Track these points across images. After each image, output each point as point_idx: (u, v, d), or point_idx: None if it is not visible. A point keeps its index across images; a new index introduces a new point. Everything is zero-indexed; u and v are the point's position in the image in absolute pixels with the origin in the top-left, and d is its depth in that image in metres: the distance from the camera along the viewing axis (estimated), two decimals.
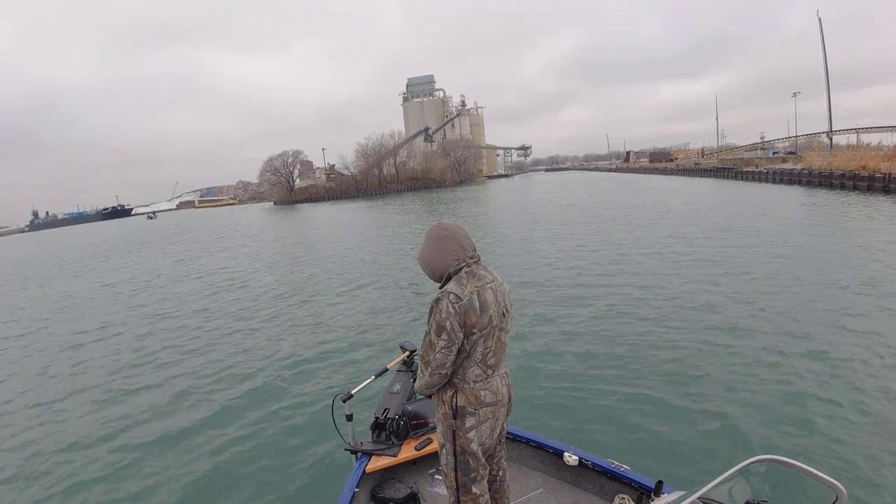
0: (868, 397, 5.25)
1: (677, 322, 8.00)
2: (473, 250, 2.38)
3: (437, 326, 2.21)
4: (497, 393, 2.36)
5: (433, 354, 2.24)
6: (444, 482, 2.48)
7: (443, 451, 2.42)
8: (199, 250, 26.82)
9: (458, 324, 2.20)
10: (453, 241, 2.34)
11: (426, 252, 2.39)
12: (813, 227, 16.37)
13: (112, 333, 10.55)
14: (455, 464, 2.37)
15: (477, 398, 2.32)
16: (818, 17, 59.84)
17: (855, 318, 7.51)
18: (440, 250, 2.34)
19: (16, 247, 60.66)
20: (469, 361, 2.29)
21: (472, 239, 2.41)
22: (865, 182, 27.01)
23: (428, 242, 2.38)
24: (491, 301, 2.27)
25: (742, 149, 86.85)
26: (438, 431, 2.44)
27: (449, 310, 2.19)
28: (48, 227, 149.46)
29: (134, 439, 5.56)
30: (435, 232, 2.38)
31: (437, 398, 2.44)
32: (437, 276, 2.38)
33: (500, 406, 2.39)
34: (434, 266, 2.36)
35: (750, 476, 1.73)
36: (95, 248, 38.67)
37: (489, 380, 2.34)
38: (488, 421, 2.36)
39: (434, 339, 2.23)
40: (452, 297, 2.20)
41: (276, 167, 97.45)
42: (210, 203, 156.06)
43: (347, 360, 7.34)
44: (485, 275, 2.33)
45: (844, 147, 46.68)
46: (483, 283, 2.29)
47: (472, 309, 2.21)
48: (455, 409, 2.32)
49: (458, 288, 2.23)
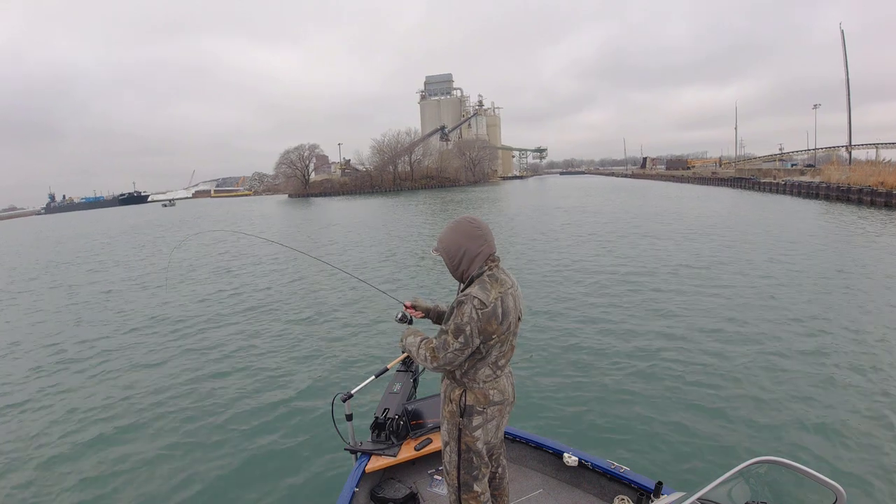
0: (868, 398, 5.29)
1: (678, 323, 8.03)
2: (496, 252, 2.32)
3: (455, 328, 2.15)
4: (504, 392, 2.35)
5: (444, 353, 2.19)
6: (446, 480, 2.46)
7: (447, 448, 2.41)
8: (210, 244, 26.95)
9: (478, 330, 2.15)
10: (485, 241, 2.26)
11: (453, 246, 2.27)
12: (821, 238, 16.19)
13: (97, 334, 10.63)
14: (459, 461, 2.36)
15: (486, 397, 2.30)
16: (841, 30, 58.76)
17: (861, 323, 7.63)
18: (471, 249, 2.24)
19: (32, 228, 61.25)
20: (482, 363, 2.27)
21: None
22: (883, 198, 26.67)
23: (457, 237, 2.27)
24: (512, 307, 2.23)
25: (760, 159, 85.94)
26: (443, 429, 2.42)
27: (472, 315, 2.12)
28: (64, 210, 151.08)
29: (134, 439, 5.51)
30: (467, 228, 2.27)
31: (442, 396, 2.42)
32: (460, 274, 2.30)
33: (507, 405, 2.38)
34: (460, 262, 2.27)
35: (750, 477, 1.73)
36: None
37: (497, 379, 2.32)
38: (495, 419, 2.35)
39: (451, 339, 2.17)
40: (477, 302, 2.13)
41: (292, 160, 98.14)
42: (225, 193, 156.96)
43: (347, 360, 7.32)
44: (506, 279, 2.27)
45: (864, 162, 46.14)
46: (506, 289, 2.23)
47: (495, 316, 2.16)
48: (463, 408, 2.31)
49: (484, 293, 2.15)
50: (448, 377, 2.38)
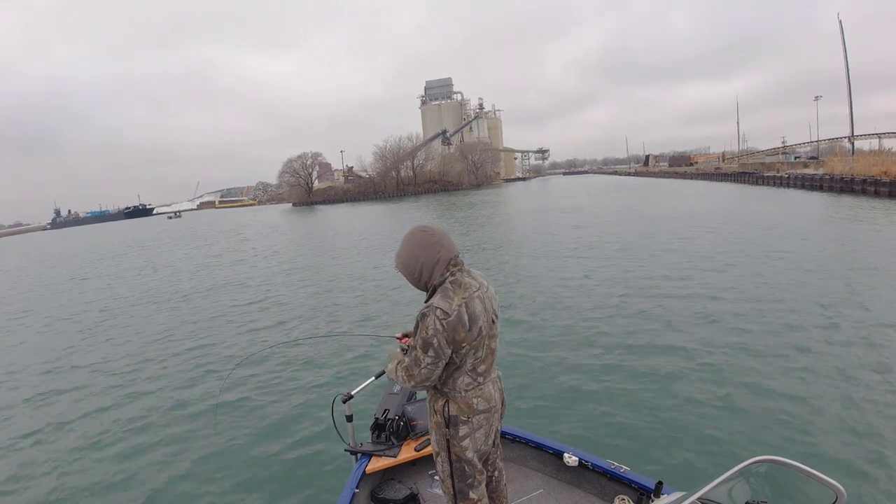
0: (868, 399, 5.23)
1: (678, 324, 8.00)
2: (458, 255, 2.25)
3: (423, 343, 2.11)
4: (490, 399, 2.28)
5: (418, 370, 2.15)
6: (441, 487, 2.44)
7: (438, 458, 2.37)
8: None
9: (446, 340, 2.10)
10: (441, 247, 2.20)
11: (409, 258, 2.22)
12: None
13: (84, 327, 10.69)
14: (451, 471, 2.32)
15: (469, 406, 2.24)
16: (839, 20, 58.52)
17: (862, 324, 7.50)
18: (429, 258, 2.19)
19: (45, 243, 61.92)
20: (459, 372, 2.21)
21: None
22: (887, 188, 26.55)
23: (412, 248, 2.21)
24: (479, 312, 2.17)
25: (763, 153, 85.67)
26: (433, 440, 2.37)
27: (436, 326, 2.07)
28: (70, 225, 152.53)
29: (132, 439, 5.56)
30: (420, 237, 2.21)
31: (428, 407, 2.37)
32: (422, 285, 2.25)
33: (493, 412, 2.32)
34: (419, 274, 2.22)
35: (750, 477, 1.71)
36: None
37: (481, 387, 2.26)
38: (482, 428, 2.29)
39: (420, 355, 2.13)
40: (440, 312, 2.08)
41: (295, 169, 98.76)
42: (230, 203, 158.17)
43: (347, 361, 7.35)
44: (471, 283, 2.21)
45: (867, 152, 45.90)
46: (470, 293, 2.16)
47: (461, 324, 2.10)
48: (448, 419, 2.25)
49: (445, 302, 2.11)
50: (430, 387, 2.31)
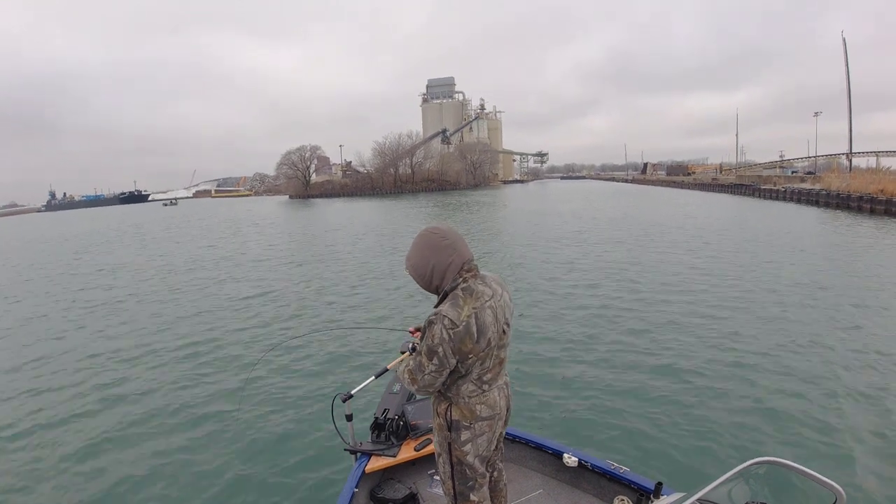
0: (869, 400, 5.31)
1: (678, 325, 8.07)
2: (471, 260, 2.17)
3: (428, 350, 2.05)
4: (494, 406, 2.22)
5: (421, 376, 2.11)
6: (442, 488, 2.43)
7: (440, 459, 2.35)
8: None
9: (452, 350, 2.03)
10: (454, 251, 2.11)
11: (420, 262, 2.13)
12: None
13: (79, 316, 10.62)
14: (452, 473, 2.30)
15: (472, 412, 2.18)
16: (843, 38, 58.80)
17: (862, 326, 7.69)
18: (440, 262, 2.10)
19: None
20: (463, 380, 2.16)
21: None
22: (883, 206, 26.72)
23: (422, 250, 2.13)
24: (490, 322, 2.08)
25: (761, 166, 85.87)
26: (435, 441, 2.36)
27: (443, 335, 2.01)
28: (64, 207, 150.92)
29: (132, 438, 5.46)
30: (433, 239, 2.12)
31: (432, 408, 2.34)
32: (433, 289, 2.17)
33: (497, 419, 2.25)
34: (430, 278, 2.14)
35: (749, 478, 1.73)
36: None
37: (485, 394, 2.20)
38: (485, 434, 2.23)
39: (424, 361, 2.07)
40: (448, 322, 2.00)
41: (293, 161, 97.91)
42: (226, 193, 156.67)
43: (347, 361, 7.30)
44: (483, 291, 2.12)
45: (864, 169, 46.18)
46: (482, 303, 2.08)
47: (469, 335, 2.03)
48: (450, 423, 2.21)
49: (454, 311, 2.02)
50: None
